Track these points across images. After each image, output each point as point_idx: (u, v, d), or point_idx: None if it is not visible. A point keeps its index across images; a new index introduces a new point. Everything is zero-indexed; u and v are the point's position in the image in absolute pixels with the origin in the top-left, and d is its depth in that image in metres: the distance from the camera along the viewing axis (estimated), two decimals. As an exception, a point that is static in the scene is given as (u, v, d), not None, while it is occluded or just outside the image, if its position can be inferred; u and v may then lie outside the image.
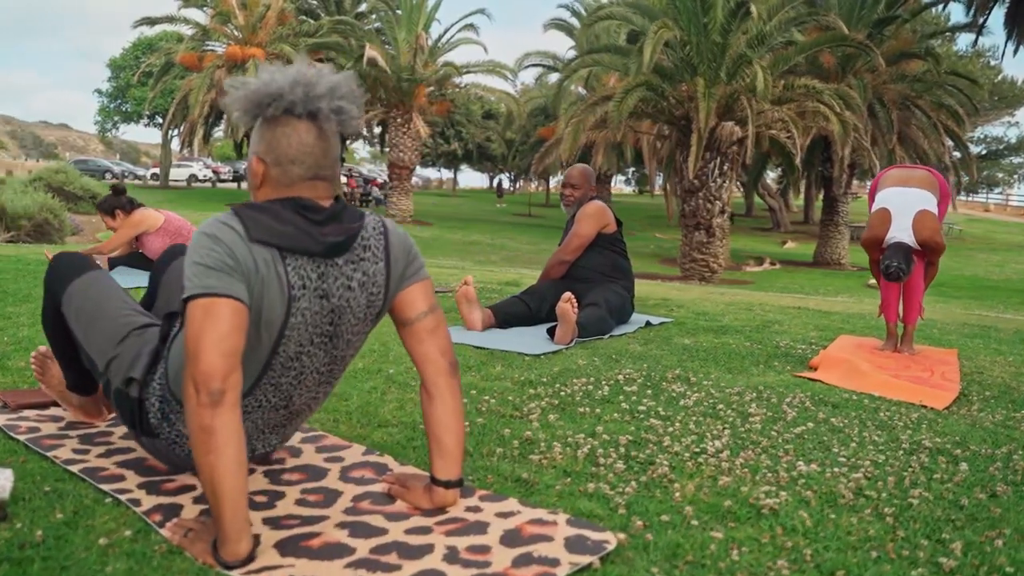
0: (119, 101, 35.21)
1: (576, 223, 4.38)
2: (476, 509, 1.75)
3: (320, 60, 26.05)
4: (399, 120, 25.78)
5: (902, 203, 3.97)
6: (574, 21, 25.26)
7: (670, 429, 2.39)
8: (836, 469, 2.12)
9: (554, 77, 26.10)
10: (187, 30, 27.25)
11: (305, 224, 1.60)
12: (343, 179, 34.83)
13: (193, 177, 43.66)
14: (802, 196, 31.53)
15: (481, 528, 1.65)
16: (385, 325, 3.64)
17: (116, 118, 36.40)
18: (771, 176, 31.78)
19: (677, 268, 17.76)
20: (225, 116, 25.89)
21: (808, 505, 1.87)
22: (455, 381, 1.79)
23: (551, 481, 1.94)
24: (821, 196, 22.56)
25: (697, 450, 2.21)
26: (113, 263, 5.31)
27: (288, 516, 1.70)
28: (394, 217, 26.18)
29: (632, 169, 34.36)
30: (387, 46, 25.34)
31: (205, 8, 26.53)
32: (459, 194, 48.14)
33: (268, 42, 26.42)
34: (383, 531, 1.64)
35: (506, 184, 50.55)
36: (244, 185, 34.61)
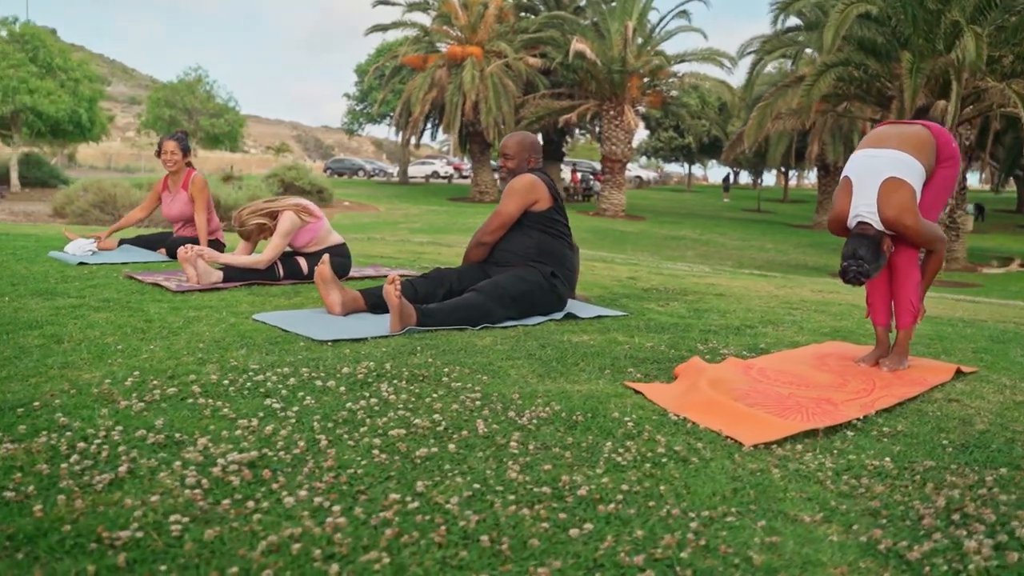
0: (364, 104, 38.09)
1: (501, 200, 3.77)
2: None
3: (534, 56, 26.41)
4: (611, 113, 25.27)
5: (867, 169, 2.92)
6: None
7: (240, 432, 1.86)
8: (358, 510, 1.48)
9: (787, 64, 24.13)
10: (414, 33, 28.71)
11: None
12: (566, 172, 34.96)
13: (435, 174, 46.24)
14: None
15: None
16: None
17: (361, 119, 39.43)
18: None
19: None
20: (445, 115, 26.93)
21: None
22: None
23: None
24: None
25: (201, 459, 1.68)
26: (120, 242, 5.48)
27: None
28: (605, 211, 25.74)
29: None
30: (604, 38, 24.95)
31: (430, 11, 27.78)
32: (694, 189, 46.51)
33: (487, 40, 27.14)
34: None
35: (744, 179, 48.07)
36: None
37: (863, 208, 2.89)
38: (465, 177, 46.98)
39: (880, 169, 2.87)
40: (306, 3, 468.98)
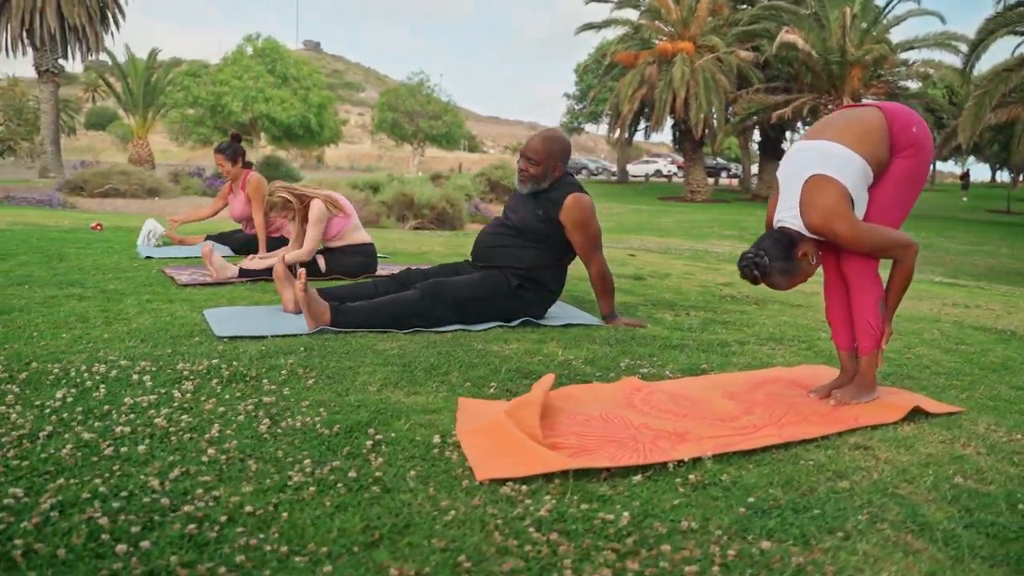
0: (583, 103, 38.37)
1: (581, 228, 3.43)
2: None
3: (747, 49, 25.16)
4: (829, 107, 23.48)
5: (795, 166, 2.47)
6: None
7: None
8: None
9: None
10: (624, 31, 28.42)
11: None
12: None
13: (657, 172, 45.68)
14: None
15: None
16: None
17: (580, 119, 39.73)
18: None
19: None
20: (655, 112, 26.45)
21: None
22: None
23: None
24: None
25: None
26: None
27: None
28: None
29: None
30: (824, 27, 23.26)
31: (641, 6, 27.37)
32: (937, 187, 41.98)
33: (700, 35, 26.26)
34: None
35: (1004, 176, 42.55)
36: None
37: (786, 212, 2.46)
38: (687, 176, 45.89)
39: (806, 165, 2.42)
40: (544, 5, 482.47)
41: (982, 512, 1.75)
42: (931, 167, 2.55)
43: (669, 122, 28.22)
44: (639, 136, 32.39)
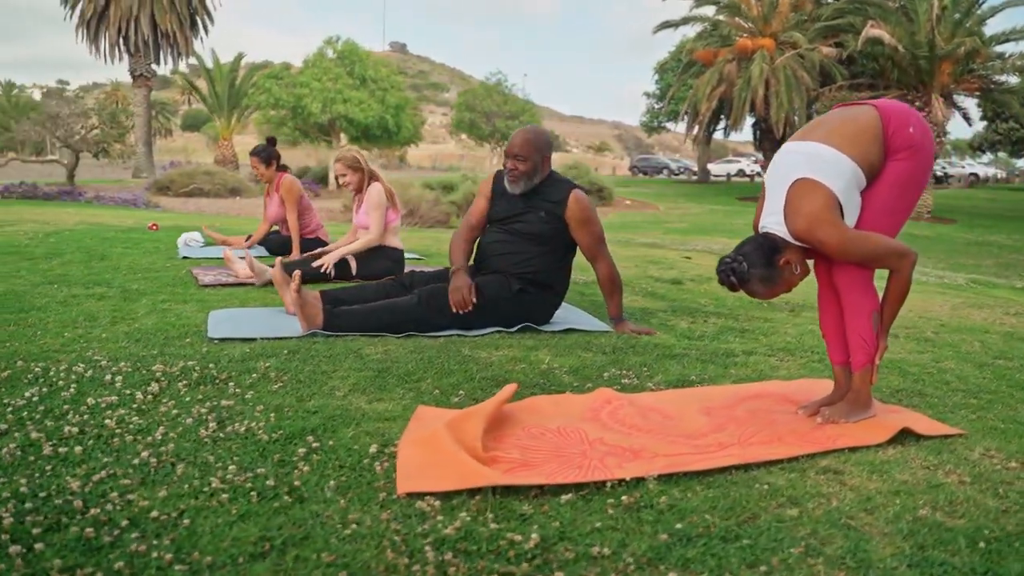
0: (662, 102, 37.81)
1: (586, 225, 3.40)
2: None
3: (830, 45, 24.30)
4: (916, 104, 22.43)
5: (782, 169, 2.34)
6: None
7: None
8: None
9: None
10: (705, 28, 27.85)
11: None
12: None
13: (741, 172, 44.66)
14: None
15: None
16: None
17: (660, 118, 39.15)
18: None
19: None
20: (733, 111, 25.86)
21: None
22: None
23: None
24: None
25: None
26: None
27: None
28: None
29: None
30: (912, 21, 22.26)
31: (719, 3, 26.79)
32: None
33: (781, 31, 25.53)
34: None
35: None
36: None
37: (770, 219, 2.34)
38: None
39: (792, 168, 2.29)
40: (631, 4, 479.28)
41: (936, 550, 1.62)
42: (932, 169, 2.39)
43: (749, 120, 27.55)
44: (719, 135, 31.73)
